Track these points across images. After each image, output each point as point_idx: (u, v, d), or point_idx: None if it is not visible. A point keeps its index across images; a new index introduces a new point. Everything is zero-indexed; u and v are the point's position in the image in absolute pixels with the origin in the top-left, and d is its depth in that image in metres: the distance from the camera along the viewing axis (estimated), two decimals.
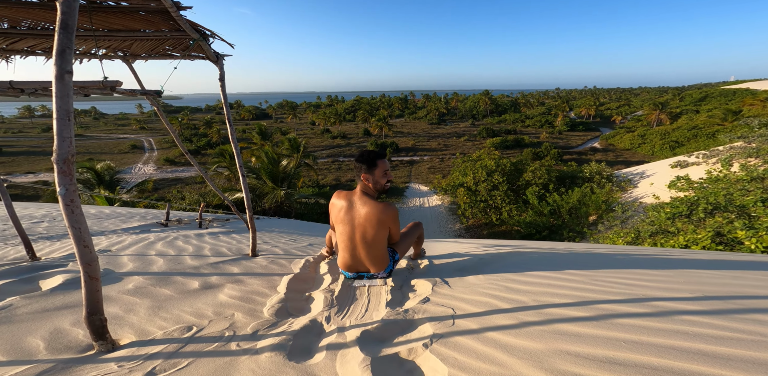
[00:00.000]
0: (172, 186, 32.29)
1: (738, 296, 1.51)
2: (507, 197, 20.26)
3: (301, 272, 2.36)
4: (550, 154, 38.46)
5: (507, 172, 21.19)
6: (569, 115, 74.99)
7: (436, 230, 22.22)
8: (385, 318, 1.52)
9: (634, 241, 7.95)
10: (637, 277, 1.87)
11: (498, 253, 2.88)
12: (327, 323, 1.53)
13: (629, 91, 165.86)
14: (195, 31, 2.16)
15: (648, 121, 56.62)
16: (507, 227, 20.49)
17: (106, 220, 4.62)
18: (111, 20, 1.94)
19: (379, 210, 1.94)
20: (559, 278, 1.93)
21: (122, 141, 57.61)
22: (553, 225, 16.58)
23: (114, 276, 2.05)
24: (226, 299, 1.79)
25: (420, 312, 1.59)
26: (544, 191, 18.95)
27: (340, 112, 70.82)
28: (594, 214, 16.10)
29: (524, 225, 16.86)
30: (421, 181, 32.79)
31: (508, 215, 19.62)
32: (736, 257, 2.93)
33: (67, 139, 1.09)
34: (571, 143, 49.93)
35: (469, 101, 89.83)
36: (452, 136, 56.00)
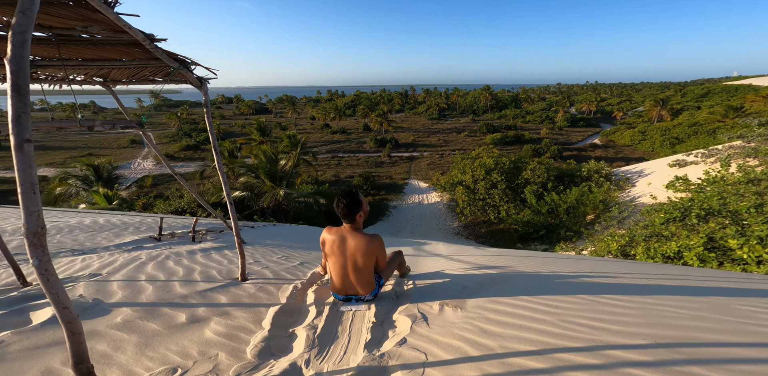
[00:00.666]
0: (172, 182, 32.36)
1: (690, 343, 1.56)
2: (505, 195, 20.34)
3: (288, 303, 2.41)
4: (550, 150, 38.42)
5: (506, 170, 21.21)
6: (570, 111, 74.66)
7: (434, 228, 22.33)
8: (360, 365, 1.58)
9: (628, 244, 8.01)
10: (602, 317, 1.92)
11: (482, 277, 2.94)
12: (306, 368, 1.58)
13: (631, 86, 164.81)
14: (174, 60, 2.17)
15: (649, 118, 56.41)
16: (505, 226, 20.59)
17: (100, 233, 4.66)
18: (83, 51, 1.95)
19: (367, 241, 2.25)
20: (530, 318, 1.98)
21: (121, 136, 57.34)
22: (551, 224, 16.68)
23: (103, 307, 2.10)
24: (211, 336, 1.85)
25: (395, 357, 1.64)
26: (543, 189, 19.00)
27: (340, 107, 70.53)
28: (592, 213, 16.18)
29: (522, 224, 16.97)
30: (421, 177, 32.81)
31: (506, 214, 19.72)
32: (711, 283, 2.98)
33: (35, 213, 1.08)
34: (572, 139, 49.81)
35: (469, 96, 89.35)
36: (452, 131, 55.81)
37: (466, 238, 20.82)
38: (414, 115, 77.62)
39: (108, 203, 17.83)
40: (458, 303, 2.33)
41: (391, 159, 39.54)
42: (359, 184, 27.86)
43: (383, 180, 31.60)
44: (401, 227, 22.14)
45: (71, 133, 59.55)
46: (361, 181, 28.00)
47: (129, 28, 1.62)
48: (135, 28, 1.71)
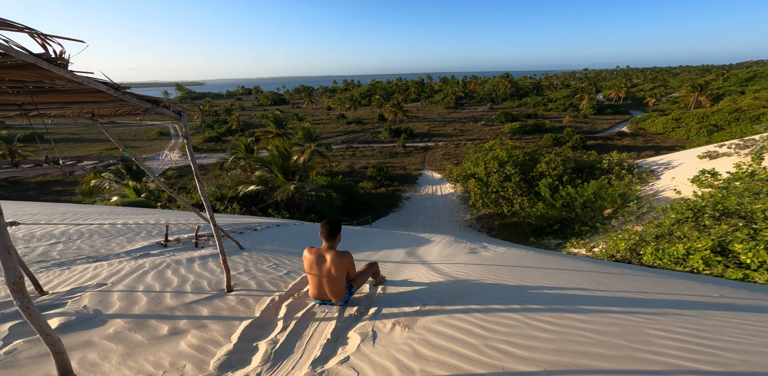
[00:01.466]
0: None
1: (571, 370, 1.71)
2: (519, 188, 20.04)
3: (261, 316, 2.71)
4: (572, 139, 37.03)
5: (520, 162, 20.78)
6: (596, 98, 70.99)
7: (447, 220, 22.42)
8: None
9: (638, 244, 7.88)
10: (520, 342, 2.09)
11: (448, 291, 3.13)
12: None
13: (667, 70, 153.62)
14: (146, 102, 2.43)
15: (685, 104, 52.80)
16: (518, 219, 20.42)
17: (116, 238, 5.17)
18: (61, 97, 2.24)
19: (339, 257, 2.75)
20: (462, 341, 2.18)
21: (151, 128, 59.94)
22: (566, 219, 16.42)
23: (101, 319, 2.47)
24: (184, 348, 2.16)
25: (332, 375, 1.90)
26: (558, 182, 18.57)
27: (356, 98, 70.52)
28: (610, 208, 15.76)
29: (535, 218, 16.82)
30: (435, 168, 32.66)
31: (519, 207, 19.51)
32: (668, 296, 3.02)
33: (11, 268, 1.42)
34: (597, 128, 47.68)
35: (488, 84, 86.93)
36: (469, 120, 54.72)
37: (479, 231, 20.83)
38: (430, 105, 76.64)
39: (137, 195, 19.10)
40: (409, 322, 2.55)
41: (406, 149, 39.47)
42: (373, 175, 28.13)
43: (397, 171, 31.74)
44: (413, 218, 22.38)
45: (107, 126, 62.74)
46: (375, 172, 28.27)
47: (88, 82, 1.87)
48: (97, 81, 1.96)
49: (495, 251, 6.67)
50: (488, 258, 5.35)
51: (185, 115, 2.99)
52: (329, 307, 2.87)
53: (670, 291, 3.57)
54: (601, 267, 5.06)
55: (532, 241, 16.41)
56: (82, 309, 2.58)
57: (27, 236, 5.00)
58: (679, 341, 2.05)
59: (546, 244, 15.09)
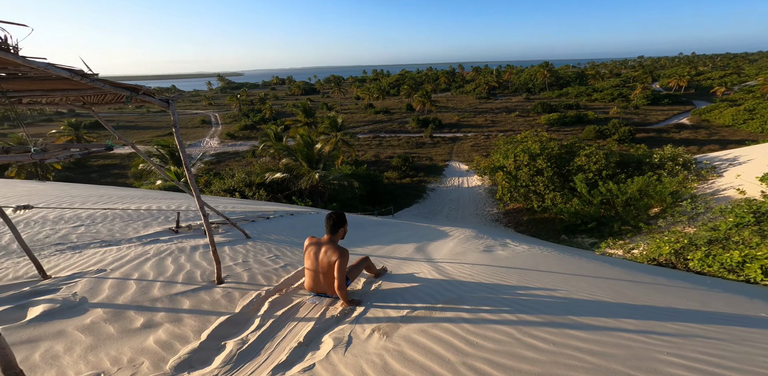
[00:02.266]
0: (232, 159, 35.39)
1: None
2: (552, 182, 18.92)
3: (241, 312, 2.64)
4: (618, 132, 34.14)
5: (554, 156, 19.51)
6: (651, 87, 64.64)
7: (472, 213, 21.78)
8: None
9: (686, 248, 7.15)
10: (502, 361, 1.83)
11: (442, 295, 2.89)
12: None
13: (743, 57, 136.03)
14: (122, 89, 2.34)
15: (762, 93, 46.63)
16: (550, 215, 19.47)
17: (134, 223, 5.39)
18: (37, 84, 2.20)
19: (334, 250, 2.75)
20: (438, 356, 1.98)
21: (195, 116, 63.19)
22: (604, 216, 15.37)
23: (84, 307, 2.51)
24: (150, 344, 2.12)
25: None
26: (598, 177, 17.28)
27: (384, 87, 69.96)
28: (657, 206, 14.51)
29: (568, 215, 15.90)
30: (463, 159, 31.71)
31: (551, 203, 18.48)
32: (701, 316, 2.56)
33: None
34: (650, 119, 43.68)
35: (524, 74, 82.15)
36: (502, 111, 52.37)
37: (505, 226, 20.08)
38: (460, 95, 74.31)
39: (177, 179, 20.40)
40: (390, 329, 2.36)
41: (433, 140, 38.58)
42: (398, 165, 27.81)
43: (423, 161, 31.16)
44: (437, 210, 21.95)
45: (157, 114, 67.57)
46: (400, 162, 27.91)
47: (46, 68, 1.79)
48: (56, 68, 1.88)
49: (513, 250, 6.25)
50: (501, 258, 4.99)
51: (173, 104, 2.91)
52: (322, 299, 2.87)
53: (706, 307, 3.08)
54: (630, 274, 4.54)
55: (564, 239, 15.57)
56: (71, 297, 2.64)
57: (56, 217, 5.35)
58: (695, 370, 1.69)
59: (579, 242, 14.22)
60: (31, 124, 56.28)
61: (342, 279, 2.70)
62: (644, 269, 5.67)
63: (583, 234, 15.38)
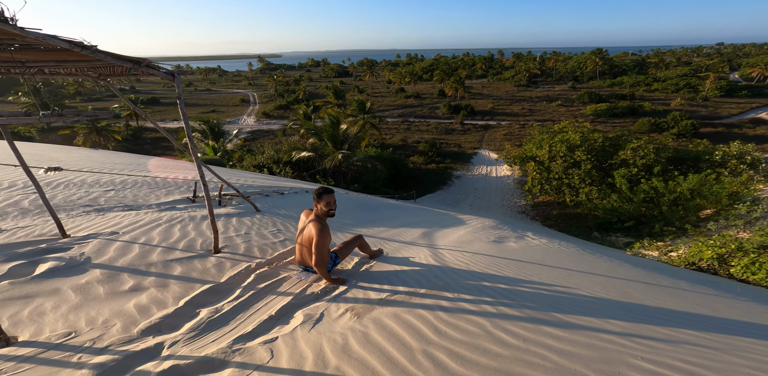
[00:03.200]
0: (266, 136, 36.57)
1: None
2: (589, 176, 17.74)
3: (226, 282, 2.73)
4: (678, 125, 30.87)
5: (597, 148, 18.13)
6: (728, 77, 57.08)
7: (498, 204, 21.12)
8: (208, 354, 1.79)
9: (732, 253, 6.56)
10: (465, 353, 1.75)
11: (430, 281, 2.82)
12: (167, 349, 1.85)
13: None
14: (125, 61, 2.38)
15: None
16: (583, 210, 18.46)
17: (159, 190, 5.73)
18: (46, 55, 2.28)
19: (314, 225, 2.74)
20: (401, 343, 1.94)
21: (235, 95, 65.58)
22: (644, 215, 14.33)
23: (85, 267, 2.69)
24: (129, 307, 2.23)
25: (244, 354, 1.83)
26: (645, 173, 15.96)
27: (416, 72, 68.06)
28: (710, 208, 13.28)
29: (603, 211, 15.00)
30: (493, 148, 30.46)
31: (586, 198, 17.42)
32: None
33: None
34: (721, 113, 39.15)
35: (572, 61, 76.00)
36: (542, 100, 49.33)
37: (532, 219, 19.32)
38: (497, 82, 70.68)
39: (214, 153, 21.49)
40: (364, 311, 2.34)
41: (464, 127, 37.26)
42: (425, 150, 27.26)
43: (451, 148, 30.32)
44: (461, 198, 21.48)
45: (202, 93, 70.95)
46: (427, 147, 27.32)
47: (44, 38, 1.84)
48: (58, 39, 1.93)
49: (528, 242, 5.97)
50: (509, 250, 4.77)
51: (179, 77, 2.91)
52: (309, 274, 2.90)
53: (715, 314, 2.77)
54: (649, 276, 4.18)
55: (596, 236, 14.80)
56: (77, 256, 2.85)
57: (93, 181, 5.81)
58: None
59: (612, 241, 13.45)
60: (99, 99, 61.24)
61: (320, 256, 2.66)
62: (675, 273, 5.21)
63: (618, 233, 14.52)
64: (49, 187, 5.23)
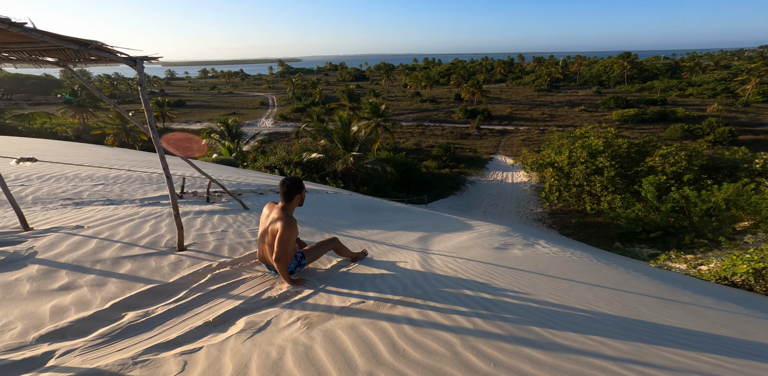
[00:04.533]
0: (282, 138, 37.10)
1: None
2: (612, 184, 16.79)
3: (174, 283, 2.45)
4: (715, 132, 29.08)
5: (622, 154, 17.14)
6: None
7: (512, 211, 20.34)
8: (101, 366, 1.49)
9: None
10: None
11: (408, 288, 2.45)
12: (54, 359, 1.56)
13: None
14: (69, 42, 2.17)
15: None
16: (604, 219, 17.56)
17: (149, 185, 5.59)
18: None
19: (282, 218, 2.48)
20: (345, 363, 1.54)
21: (255, 98, 67.40)
22: (672, 226, 13.42)
23: (24, 263, 2.43)
24: (44, 309, 1.94)
25: (147, 367, 1.52)
26: (675, 181, 14.98)
27: (433, 76, 67.78)
28: (748, 220, 12.30)
29: (627, 220, 14.17)
30: (510, 154, 29.63)
31: (608, 206, 16.50)
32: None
33: None
34: (763, 119, 36.76)
35: (597, 65, 73.12)
36: (564, 105, 48.03)
37: (549, 227, 18.48)
38: (517, 86, 69.11)
39: (229, 154, 21.84)
40: (318, 320, 2.01)
41: (480, 131, 36.57)
42: (438, 155, 26.77)
43: (466, 153, 29.70)
44: (474, 204, 20.83)
45: (225, 96, 73.36)
46: (441, 151, 26.83)
47: None
48: None
49: (535, 250, 5.46)
50: (510, 258, 4.31)
51: (141, 63, 2.70)
52: (274, 273, 2.68)
53: (742, 335, 2.28)
54: (668, 291, 3.64)
55: (618, 246, 13.98)
56: (23, 250, 2.63)
57: (86, 176, 5.75)
58: None
59: (635, 252, 12.62)
60: (131, 101, 64.21)
61: (282, 250, 2.39)
62: (701, 288, 4.60)
63: (643, 244, 13.66)
64: (40, 180, 5.19)
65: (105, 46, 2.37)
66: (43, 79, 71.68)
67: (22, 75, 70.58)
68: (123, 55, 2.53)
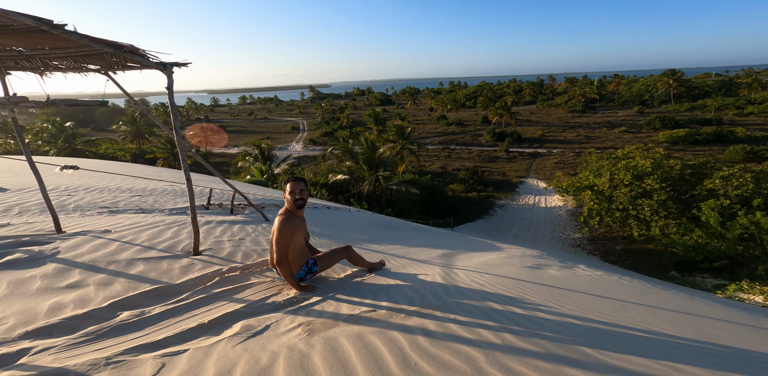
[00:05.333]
0: (311, 161, 38.35)
1: None
2: (664, 208, 15.25)
3: (180, 284, 2.36)
4: None
5: (674, 176, 15.72)
6: None
7: (547, 236, 19.05)
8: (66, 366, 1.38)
9: None
10: None
11: (434, 301, 2.18)
12: (28, 356, 1.46)
13: None
14: (103, 45, 2.32)
15: None
16: (656, 246, 15.98)
17: (181, 198, 5.85)
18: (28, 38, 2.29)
19: (276, 219, 2.38)
20: (346, 370, 1.29)
21: (287, 123, 70.64)
22: (741, 255, 11.97)
23: (44, 261, 2.45)
24: (44, 305, 1.89)
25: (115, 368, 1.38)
26: (742, 206, 13.51)
27: (459, 99, 67.94)
28: None
29: (684, 248, 12.81)
30: (542, 177, 28.40)
31: (660, 232, 15.00)
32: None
33: None
34: None
35: (638, 84, 69.84)
36: (602, 126, 45.85)
37: (589, 253, 17.02)
38: (548, 108, 66.93)
39: (261, 175, 22.84)
40: (323, 327, 1.81)
41: (509, 154, 35.56)
42: (465, 178, 26.17)
43: (494, 176, 28.83)
44: (504, 228, 19.77)
45: (260, 121, 78.22)
46: (468, 174, 26.24)
47: (4, 13, 1.79)
48: (23, 15, 1.88)
49: (577, 272, 4.91)
50: (545, 277, 3.86)
51: (171, 68, 2.85)
52: (282, 281, 2.53)
53: None
54: (752, 318, 2.97)
55: (674, 276, 12.57)
56: (48, 250, 2.66)
57: (127, 188, 6.13)
58: None
59: (696, 282, 11.28)
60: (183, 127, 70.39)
61: (280, 254, 2.29)
62: None
63: (706, 273, 12.24)
64: (85, 191, 5.56)
65: (137, 50, 2.50)
66: (110, 108, 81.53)
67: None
68: (155, 60, 2.68)
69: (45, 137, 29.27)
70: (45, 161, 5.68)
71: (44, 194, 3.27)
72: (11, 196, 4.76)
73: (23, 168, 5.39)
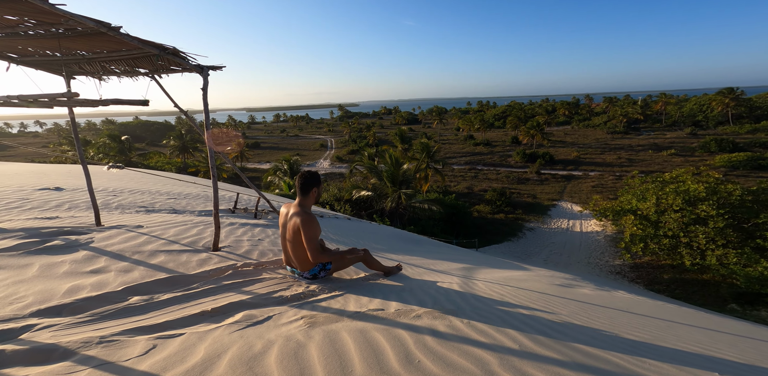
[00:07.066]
0: (337, 178, 39.10)
1: None
2: (722, 236, 13.72)
3: (194, 275, 2.39)
4: None
5: (734, 203, 14.25)
6: None
7: (582, 261, 17.76)
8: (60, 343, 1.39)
9: None
10: None
11: (447, 305, 2.04)
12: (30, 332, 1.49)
13: None
14: (149, 46, 2.55)
15: None
16: (712, 277, 14.45)
17: (209, 202, 6.15)
18: (86, 43, 2.54)
19: (300, 214, 2.38)
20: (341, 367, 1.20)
21: (316, 140, 73.18)
22: None
23: (77, 248, 2.59)
24: (63, 287, 1.96)
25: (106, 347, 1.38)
26: None
27: (487, 119, 66.64)
28: None
29: (746, 280, 11.51)
30: (578, 201, 26.89)
31: (717, 262, 13.53)
32: None
33: None
34: None
35: (689, 104, 64.29)
36: (647, 148, 42.69)
37: (632, 281, 15.64)
38: (584, 128, 63.52)
39: (288, 190, 23.60)
40: (326, 321, 1.73)
41: (540, 176, 34.12)
42: (492, 199, 25.33)
43: (524, 198, 27.68)
44: (534, 252, 18.68)
45: (291, 138, 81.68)
46: (495, 196, 25.38)
47: (72, 16, 2.03)
48: (84, 17, 2.12)
49: (614, 294, 4.45)
50: (576, 294, 3.54)
51: (207, 71, 3.07)
52: (297, 276, 2.56)
53: None
54: None
55: (734, 308, 11.23)
56: (84, 239, 2.82)
57: (166, 192, 6.50)
58: None
59: (761, 316, 10.09)
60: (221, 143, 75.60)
61: (315, 250, 2.31)
62: None
63: None
64: (129, 192, 5.98)
65: (179, 52, 2.72)
66: (163, 125, 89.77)
67: (150, 122, 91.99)
68: (194, 62, 2.89)
69: (104, 150, 32.32)
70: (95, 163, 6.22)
71: (90, 191, 3.52)
72: (65, 194, 5.21)
73: (83, 173, 5.96)
